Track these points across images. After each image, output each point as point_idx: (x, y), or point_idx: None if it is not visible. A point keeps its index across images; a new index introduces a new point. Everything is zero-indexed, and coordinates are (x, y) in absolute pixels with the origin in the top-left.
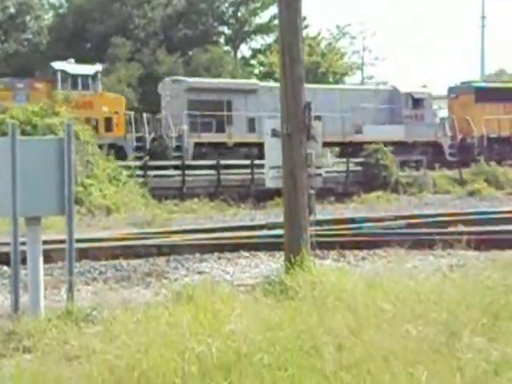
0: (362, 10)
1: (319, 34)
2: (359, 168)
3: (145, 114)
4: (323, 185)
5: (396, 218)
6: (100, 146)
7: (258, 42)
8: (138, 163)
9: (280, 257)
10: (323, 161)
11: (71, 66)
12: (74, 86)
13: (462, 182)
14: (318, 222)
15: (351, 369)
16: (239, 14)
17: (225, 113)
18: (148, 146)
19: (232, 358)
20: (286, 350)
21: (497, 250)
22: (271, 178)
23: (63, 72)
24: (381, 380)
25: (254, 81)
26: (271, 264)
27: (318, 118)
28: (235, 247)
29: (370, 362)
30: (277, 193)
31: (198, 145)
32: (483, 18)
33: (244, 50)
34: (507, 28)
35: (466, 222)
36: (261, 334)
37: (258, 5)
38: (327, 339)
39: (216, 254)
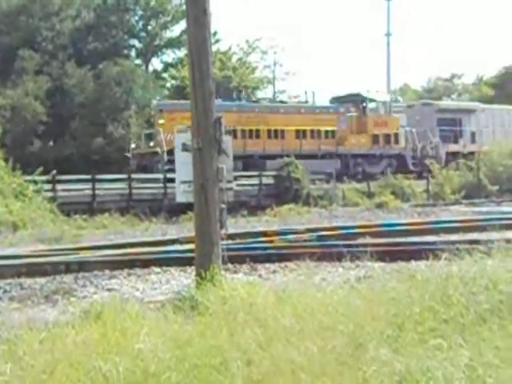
0: (273, 24)
1: (230, 48)
2: (271, 181)
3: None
4: (236, 198)
5: (307, 231)
6: None
7: (170, 55)
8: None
9: (192, 272)
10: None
11: None
12: None
13: (370, 195)
14: (230, 236)
15: None
16: (149, 28)
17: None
18: None
19: (140, 377)
20: (195, 366)
21: (402, 261)
22: (182, 193)
23: None
24: None
25: (475, 103)
26: (183, 280)
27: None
28: (146, 263)
29: (278, 376)
30: (190, 207)
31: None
32: (389, 34)
33: (155, 64)
34: (411, 44)
35: (373, 234)
36: (169, 352)
37: (169, 19)
38: (236, 354)
39: (126, 271)
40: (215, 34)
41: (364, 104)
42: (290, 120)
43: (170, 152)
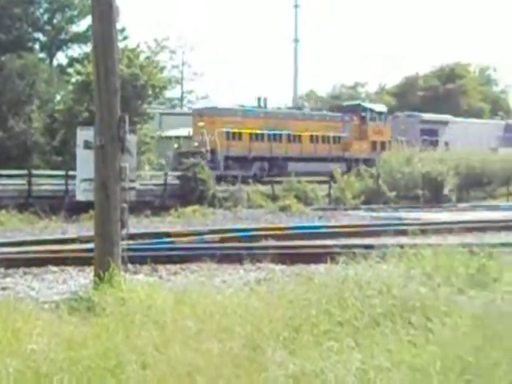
0: (183, 24)
1: (138, 46)
2: (177, 181)
3: None
4: (140, 198)
5: (210, 232)
6: None
7: (76, 50)
8: None
9: (90, 272)
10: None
11: None
12: None
13: (274, 198)
14: (132, 236)
15: None
16: (55, 21)
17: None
18: None
19: (31, 378)
20: (89, 368)
21: (302, 264)
22: (82, 191)
23: None
24: None
25: (448, 116)
26: (81, 280)
27: None
28: (43, 262)
29: (173, 379)
30: (92, 205)
31: None
32: (296, 41)
33: (61, 58)
34: (317, 50)
35: (276, 237)
36: (63, 353)
37: (75, 13)
38: (132, 357)
39: (22, 269)
40: (123, 30)
41: (364, 113)
42: (305, 126)
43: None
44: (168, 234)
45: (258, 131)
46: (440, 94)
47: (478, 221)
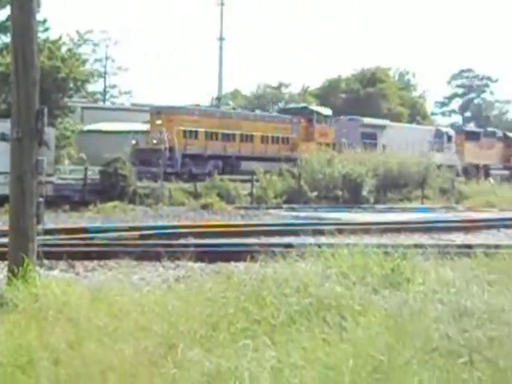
0: (108, 18)
1: (60, 38)
2: (97, 177)
3: None
4: (58, 192)
5: (130, 229)
6: None
7: None
8: None
9: (4, 267)
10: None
11: None
12: None
13: (196, 195)
14: (48, 231)
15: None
16: None
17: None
18: None
19: None
20: (0, 365)
21: (222, 262)
22: None
23: None
24: None
25: (385, 121)
26: None
27: None
28: None
29: (86, 377)
30: (7, 199)
31: None
32: (221, 39)
33: None
34: (244, 49)
35: (196, 235)
36: None
37: None
38: (44, 354)
39: None
40: (45, 21)
41: (311, 116)
42: (256, 127)
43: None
44: (86, 230)
45: (214, 130)
46: (361, 97)
47: (394, 222)
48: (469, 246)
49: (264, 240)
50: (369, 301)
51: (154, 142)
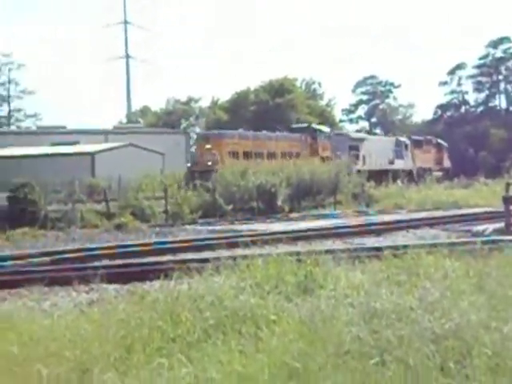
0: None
1: None
2: (5, 203)
3: None
4: None
5: (41, 254)
6: None
7: None
8: None
9: None
10: None
11: None
12: None
13: (109, 216)
14: None
15: None
16: None
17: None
18: None
19: None
20: None
21: (137, 282)
22: None
23: None
24: None
25: (363, 134)
26: None
27: None
28: None
29: None
30: None
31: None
32: (127, 57)
33: None
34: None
35: (109, 256)
36: None
37: None
38: None
39: None
40: None
41: (315, 134)
42: (277, 145)
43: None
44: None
45: (249, 150)
46: (270, 108)
47: (307, 229)
48: (378, 249)
49: (180, 256)
50: (283, 309)
51: (209, 163)
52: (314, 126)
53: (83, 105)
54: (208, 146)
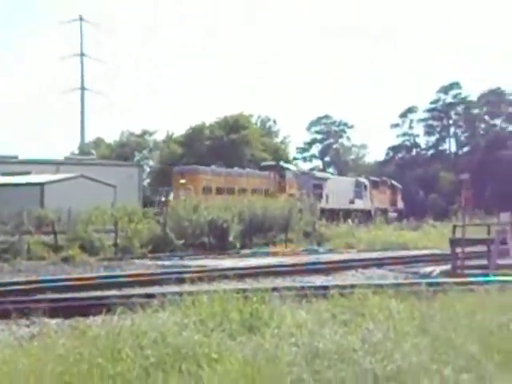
0: None
1: None
2: None
3: None
4: None
5: None
6: None
7: None
8: None
9: None
10: None
11: None
12: None
13: (57, 248)
14: None
15: None
16: None
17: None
18: None
19: None
20: None
21: (80, 317)
22: None
23: None
24: None
25: (326, 174)
26: None
27: None
28: None
29: None
30: None
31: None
32: (83, 88)
33: None
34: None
35: (52, 289)
36: None
37: None
38: None
39: None
40: None
41: (283, 172)
42: (248, 182)
43: None
44: None
45: (221, 186)
46: (225, 144)
47: (256, 266)
48: (325, 288)
49: (125, 291)
50: (226, 347)
51: (183, 198)
52: (282, 164)
53: (36, 135)
54: (183, 181)
